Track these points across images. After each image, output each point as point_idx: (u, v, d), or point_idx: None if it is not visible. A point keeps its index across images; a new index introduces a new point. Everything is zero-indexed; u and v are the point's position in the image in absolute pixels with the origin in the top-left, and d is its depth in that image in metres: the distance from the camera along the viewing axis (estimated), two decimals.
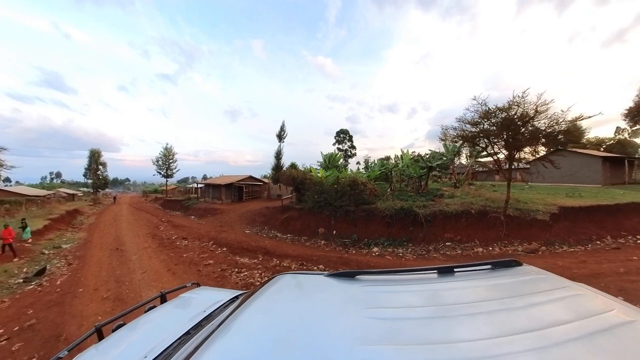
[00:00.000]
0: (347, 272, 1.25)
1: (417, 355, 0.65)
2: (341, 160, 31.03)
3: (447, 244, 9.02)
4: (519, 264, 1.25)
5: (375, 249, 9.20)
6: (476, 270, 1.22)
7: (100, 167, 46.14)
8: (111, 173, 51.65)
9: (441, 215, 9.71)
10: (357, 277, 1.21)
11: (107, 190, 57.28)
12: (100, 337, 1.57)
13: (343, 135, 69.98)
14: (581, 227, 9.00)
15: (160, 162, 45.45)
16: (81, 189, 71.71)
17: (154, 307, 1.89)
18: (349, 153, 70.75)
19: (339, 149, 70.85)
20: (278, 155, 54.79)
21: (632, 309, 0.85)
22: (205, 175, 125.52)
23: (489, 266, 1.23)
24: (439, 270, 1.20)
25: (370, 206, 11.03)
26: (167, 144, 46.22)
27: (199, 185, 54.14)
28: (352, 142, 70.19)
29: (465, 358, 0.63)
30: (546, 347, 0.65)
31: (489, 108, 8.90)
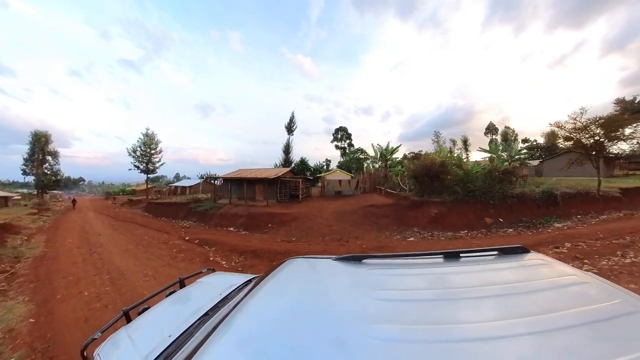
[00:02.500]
0: (354, 256, 1.25)
1: (423, 335, 0.66)
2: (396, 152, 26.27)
3: (578, 216, 10.23)
4: (526, 251, 1.21)
5: (557, 224, 9.50)
6: (482, 255, 1.20)
7: (49, 157, 32.67)
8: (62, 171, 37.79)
9: (566, 196, 10.96)
10: (364, 261, 1.22)
11: (56, 191, 42.96)
12: (128, 319, 1.64)
13: (342, 133, 65.98)
14: (637, 200, 11.59)
15: (138, 153, 34.31)
16: (19, 190, 55.23)
17: (174, 291, 1.97)
18: (347, 151, 66.85)
19: (337, 146, 66.62)
20: (287, 149, 47.09)
21: (638, 300, 0.82)
22: (178, 174, 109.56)
23: (495, 252, 1.21)
24: (445, 255, 1.19)
25: (515, 191, 11.30)
26: (147, 129, 35.19)
27: (191, 183, 43.22)
28: (350, 139, 66.32)
29: (469, 338, 0.64)
30: (547, 332, 0.65)
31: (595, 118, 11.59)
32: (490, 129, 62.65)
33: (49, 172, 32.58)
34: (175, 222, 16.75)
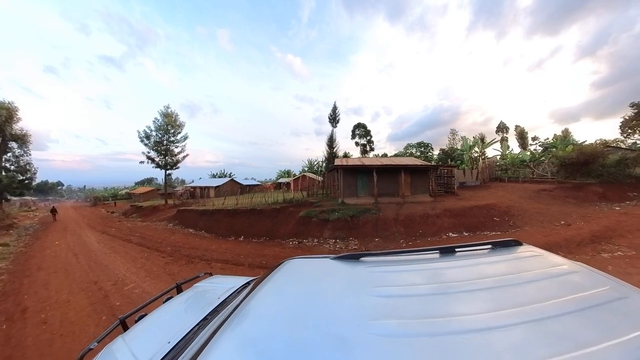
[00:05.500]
0: (352, 255, 1.27)
1: (421, 329, 0.68)
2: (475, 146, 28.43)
3: None
4: (519, 243, 1.24)
5: None
6: (477, 250, 1.23)
7: (13, 144, 20.95)
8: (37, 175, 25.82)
9: None
10: (362, 259, 1.23)
11: (28, 197, 30.88)
12: (125, 327, 1.62)
13: (361, 130, 62.51)
14: None
15: (152, 141, 23.98)
16: None
17: (171, 297, 1.97)
18: (367, 148, 62.81)
19: (357, 143, 62.92)
20: (331, 142, 40.94)
21: (625, 286, 0.85)
22: (170, 175, 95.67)
23: (489, 246, 1.23)
24: (441, 251, 1.22)
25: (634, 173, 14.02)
26: (167, 107, 25.06)
27: (216, 184, 34.62)
28: (370, 136, 62.77)
29: (464, 330, 0.66)
30: (539, 320, 0.68)
31: None
32: (501, 128, 66.24)
33: (12, 166, 21.30)
34: (303, 246, 7.31)
